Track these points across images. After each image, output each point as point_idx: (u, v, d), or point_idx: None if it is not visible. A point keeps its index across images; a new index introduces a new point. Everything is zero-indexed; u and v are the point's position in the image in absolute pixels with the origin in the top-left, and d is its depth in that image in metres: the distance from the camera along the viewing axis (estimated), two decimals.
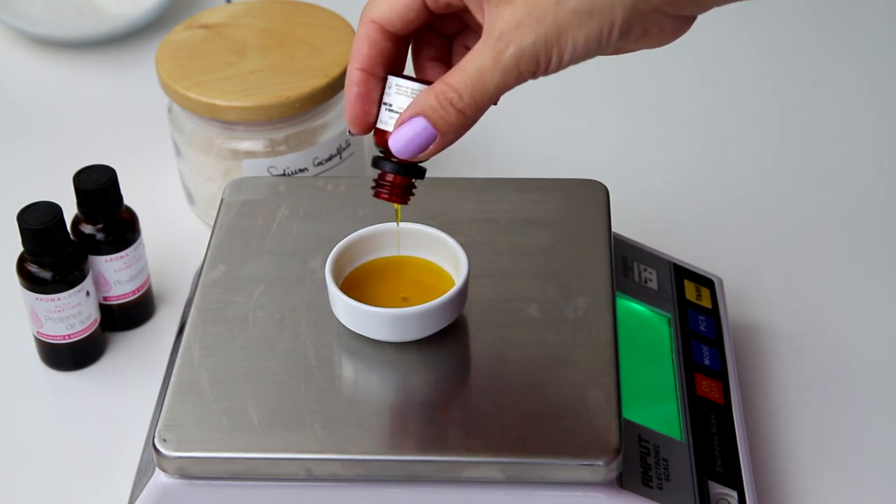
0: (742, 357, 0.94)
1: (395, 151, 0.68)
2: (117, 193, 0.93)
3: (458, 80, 0.66)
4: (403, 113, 0.68)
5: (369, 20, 0.69)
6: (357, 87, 0.69)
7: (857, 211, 1.07)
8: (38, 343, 0.94)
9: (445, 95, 0.67)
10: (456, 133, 0.68)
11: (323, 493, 0.74)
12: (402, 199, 0.72)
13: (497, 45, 0.65)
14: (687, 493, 0.77)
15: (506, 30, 0.65)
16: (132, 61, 1.26)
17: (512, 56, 0.65)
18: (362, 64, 0.69)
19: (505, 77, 0.66)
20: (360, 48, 0.69)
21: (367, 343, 0.78)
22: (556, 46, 0.65)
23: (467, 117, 0.67)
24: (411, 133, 0.68)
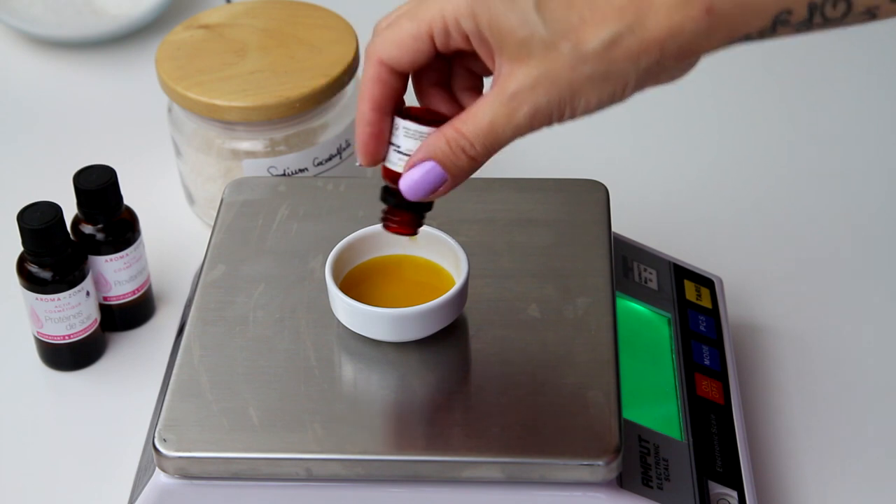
0: (742, 357, 0.94)
1: (406, 193, 0.70)
2: (117, 193, 0.93)
3: (471, 130, 0.68)
4: (414, 155, 0.69)
5: (378, 61, 0.69)
6: (370, 128, 0.70)
7: (857, 211, 1.07)
8: (38, 343, 0.94)
9: (458, 143, 0.68)
10: (465, 176, 0.70)
11: (323, 493, 0.74)
12: (412, 232, 0.74)
13: (511, 104, 0.66)
14: (687, 493, 0.77)
15: (521, 89, 0.66)
16: (132, 61, 1.26)
17: (526, 115, 0.66)
18: (373, 104, 0.70)
19: (517, 131, 0.67)
20: (371, 89, 0.70)
21: (367, 343, 0.78)
22: (569, 105, 0.66)
23: (477, 163, 0.69)
24: (422, 176, 0.69)
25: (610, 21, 0.64)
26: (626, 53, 0.65)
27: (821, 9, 0.63)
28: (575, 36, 0.64)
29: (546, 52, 0.65)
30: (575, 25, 0.64)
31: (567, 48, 0.65)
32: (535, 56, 0.65)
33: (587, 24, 0.64)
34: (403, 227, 0.73)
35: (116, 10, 1.28)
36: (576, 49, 0.65)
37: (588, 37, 0.64)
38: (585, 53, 0.65)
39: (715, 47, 0.66)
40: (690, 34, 0.64)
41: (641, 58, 0.65)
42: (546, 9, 0.65)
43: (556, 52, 0.65)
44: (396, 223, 0.73)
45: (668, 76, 0.67)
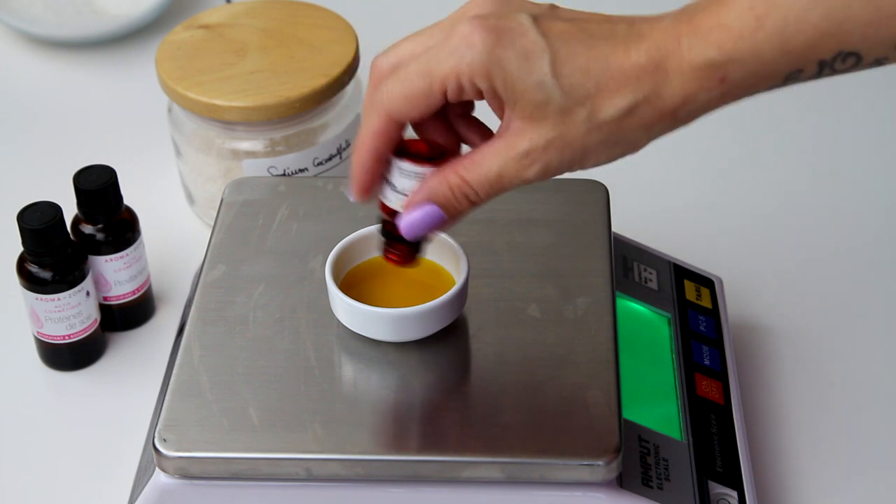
0: (742, 357, 0.94)
1: (404, 233, 0.70)
2: (117, 193, 0.93)
3: (476, 179, 0.68)
4: (415, 196, 0.69)
5: (386, 117, 0.68)
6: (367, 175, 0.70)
7: (857, 211, 1.07)
8: (38, 343, 0.94)
9: (461, 190, 0.68)
10: (461, 217, 0.70)
11: (323, 493, 0.74)
12: (413, 263, 0.74)
13: (523, 161, 0.66)
14: (687, 493, 0.77)
15: (533, 148, 0.66)
16: (132, 61, 1.26)
17: (536, 172, 0.67)
18: (374, 155, 0.69)
19: (523, 183, 0.68)
20: (374, 141, 0.69)
21: (367, 343, 0.78)
22: (579, 164, 0.67)
23: (478, 207, 0.69)
24: (422, 218, 0.70)
25: (626, 91, 0.64)
26: (641, 122, 0.65)
27: (830, 64, 0.64)
28: (591, 103, 0.65)
29: (561, 116, 0.65)
30: (591, 93, 0.65)
31: (582, 115, 0.65)
32: (550, 119, 0.65)
33: (603, 92, 0.65)
34: (403, 259, 0.74)
35: (116, 10, 1.28)
36: (591, 117, 0.65)
37: (604, 105, 0.65)
38: (601, 121, 0.65)
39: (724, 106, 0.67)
40: (703, 102, 0.65)
41: (655, 126, 0.66)
42: (561, 74, 0.64)
43: (571, 118, 0.65)
44: (396, 256, 0.74)
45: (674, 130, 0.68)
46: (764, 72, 0.64)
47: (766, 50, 0.63)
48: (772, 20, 0.63)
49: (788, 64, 0.64)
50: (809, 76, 0.65)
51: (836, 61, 0.64)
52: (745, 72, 0.64)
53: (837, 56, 0.63)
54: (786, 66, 0.64)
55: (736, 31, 0.63)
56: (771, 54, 0.63)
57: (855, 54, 0.63)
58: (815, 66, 0.64)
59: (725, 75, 0.64)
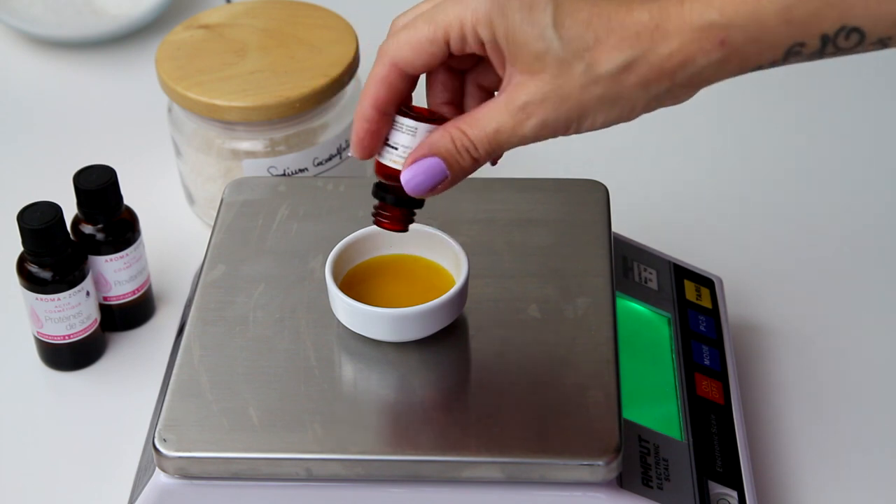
0: (742, 357, 0.94)
1: (407, 188, 0.70)
2: (117, 193, 0.93)
3: (476, 133, 0.68)
4: (417, 150, 0.70)
5: (390, 63, 0.69)
6: (368, 125, 0.70)
7: (857, 211, 1.07)
8: (38, 343, 0.94)
9: (462, 144, 0.68)
10: (465, 176, 0.70)
11: (323, 493, 0.74)
12: (403, 228, 0.74)
13: (519, 115, 0.67)
14: (687, 493, 0.77)
15: (530, 101, 0.66)
16: (132, 61, 1.26)
17: (532, 127, 0.67)
18: (376, 103, 0.70)
19: (521, 141, 0.68)
20: (377, 89, 0.69)
21: (367, 343, 0.78)
22: (575, 122, 0.67)
23: (479, 164, 0.69)
24: (425, 172, 0.69)
25: (625, 46, 0.65)
26: (638, 80, 0.65)
27: (833, 40, 0.64)
28: (589, 56, 0.65)
29: (559, 68, 0.65)
30: (590, 45, 0.65)
31: (580, 68, 0.65)
32: (548, 71, 0.65)
33: (602, 46, 0.65)
34: (395, 223, 0.73)
35: (116, 10, 1.28)
36: (589, 70, 0.65)
37: (602, 59, 0.65)
38: (598, 75, 0.65)
39: (725, 77, 0.66)
40: (702, 65, 0.65)
41: (652, 85, 0.66)
42: (563, 26, 0.65)
43: (569, 71, 0.65)
44: (388, 220, 0.73)
45: (674, 100, 0.68)
46: (765, 40, 0.64)
47: (768, 16, 0.63)
48: None
49: (790, 34, 0.64)
50: (812, 52, 0.64)
51: (839, 37, 0.63)
52: (745, 37, 0.64)
53: (840, 31, 0.63)
54: (787, 36, 0.64)
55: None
56: (773, 21, 0.63)
57: (858, 30, 0.63)
58: (818, 40, 0.64)
59: (725, 38, 0.64)
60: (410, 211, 0.73)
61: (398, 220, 0.73)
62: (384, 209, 0.73)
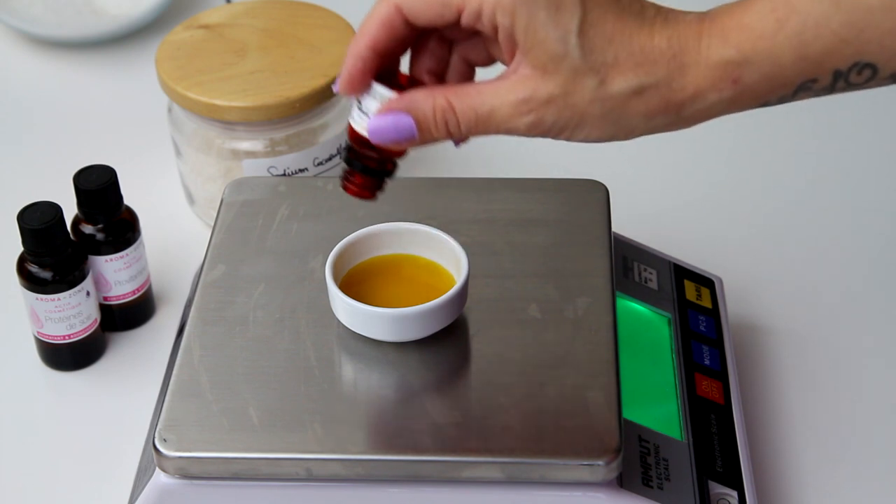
0: (742, 357, 0.94)
1: (370, 133, 0.68)
2: (117, 193, 0.93)
3: (464, 109, 0.67)
4: (395, 102, 0.68)
5: (393, 4, 0.67)
6: (360, 63, 0.68)
7: (857, 210, 1.07)
8: (38, 343, 0.94)
9: (444, 115, 0.67)
10: (431, 142, 0.68)
11: (323, 493, 0.74)
12: (370, 195, 0.72)
13: (519, 107, 0.66)
14: (687, 493, 0.77)
15: (533, 98, 0.65)
16: (132, 61, 1.26)
17: (527, 123, 0.66)
18: (372, 43, 0.67)
19: (508, 131, 0.67)
20: (376, 30, 0.67)
21: (367, 343, 0.78)
22: (570, 131, 0.66)
23: (453, 138, 0.68)
24: (393, 124, 0.67)
25: (640, 71, 0.64)
26: (645, 108, 0.65)
27: (846, 76, 0.64)
28: (604, 73, 0.65)
29: (572, 76, 0.65)
30: (608, 63, 0.64)
31: (592, 83, 0.65)
32: (561, 75, 0.65)
33: (619, 66, 0.64)
34: (363, 190, 0.72)
35: (116, 10, 1.28)
36: (600, 86, 0.65)
37: (615, 79, 0.65)
38: (607, 94, 0.65)
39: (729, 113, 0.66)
40: (712, 102, 0.65)
41: (657, 116, 0.65)
42: (586, 36, 0.64)
43: (581, 82, 0.65)
44: (357, 186, 0.72)
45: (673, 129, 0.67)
46: (779, 78, 0.64)
47: (784, 53, 0.63)
48: (792, 23, 0.63)
49: (804, 71, 0.64)
50: (822, 88, 0.64)
51: (852, 72, 0.63)
52: (759, 75, 0.64)
53: (854, 66, 0.63)
54: (801, 73, 0.64)
55: (756, 32, 0.64)
56: (788, 58, 0.63)
57: (871, 66, 0.63)
58: (830, 75, 0.64)
59: (739, 77, 0.64)
60: (380, 180, 0.72)
61: (366, 188, 0.72)
62: (353, 175, 0.72)
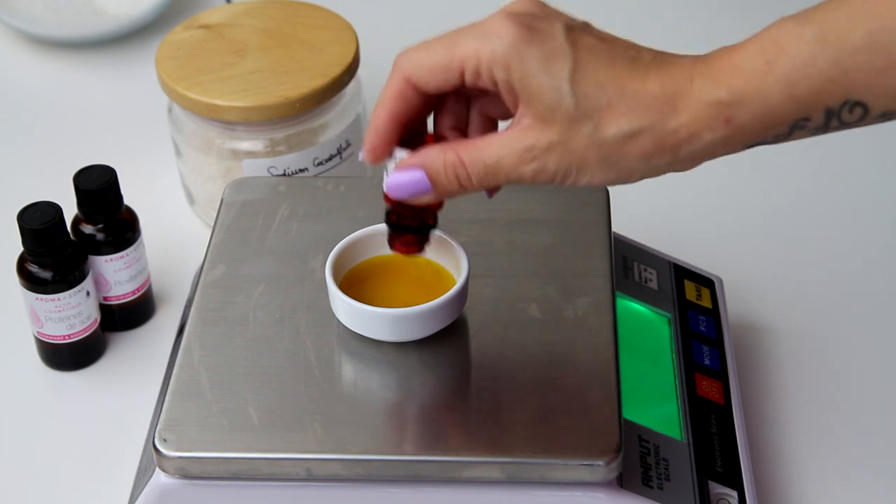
0: (742, 357, 0.94)
1: (388, 189, 0.71)
2: (117, 193, 0.93)
3: (473, 161, 0.68)
4: (410, 158, 0.70)
5: (404, 78, 0.69)
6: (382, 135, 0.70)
7: (857, 211, 1.07)
8: (38, 343, 0.94)
9: (455, 169, 0.69)
10: (451, 195, 0.71)
11: (323, 493, 0.74)
12: (417, 251, 0.76)
13: (523, 155, 0.67)
14: (687, 493, 0.77)
15: (536, 146, 0.67)
16: (132, 61, 1.26)
17: (531, 171, 0.68)
18: (391, 115, 0.70)
19: (517, 179, 0.68)
20: (392, 102, 0.70)
21: (367, 343, 0.78)
22: (573, 176, 0.68)
23: (467, 190, 0.70)
24: (408, 181, 0.70)
25: (634, 115, 0.66)
26: (640, 151, 0.66)
27: (838, 114, 0.65)
28: (598, 118, 0.66)
29: (568, 124, 0.66)
30: (601, 108, 0.66)
31: (588, 129, 0.66)
32: (558, 123, 0.66)
33: (612, 111, 0.66)
34: (409, 247, 0.75)
35: (116, 10, 1.28)
36: (595, 132, 0.66)
37: (609, 123, 0.66)
38: (602, 139, 0.66)
39: (727, 153, 0.67)
40: (707, 142, 0.66)
41: (653, 158, 0.67)
42: (578, 84, 0.66)
43: (577, 129, 0.66)
44: (402, 245, 0.75)
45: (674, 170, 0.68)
46: (770, 117, 0.65)
47: (774, 94, 0.64)
48: (781, 64, 0.64)
49: (795, 111, 0.65)
50: (816, 126, 0.65)
51: (843, 111, 0.64)
52: (750, 115, 0.65)
53: (844, 105, 0.64)
54: (792, 112, 0.65)
55: (746, 73, 0.65)
56: (778, 98, 0.64)
57: (861, 105, 0.64)
58: (822, 114, 0.65)
59: (731, 117, 0.65)
60: (423, 234, 0.75)
61: (411, 245, 0.75)
62: (397, 235, 0.75)
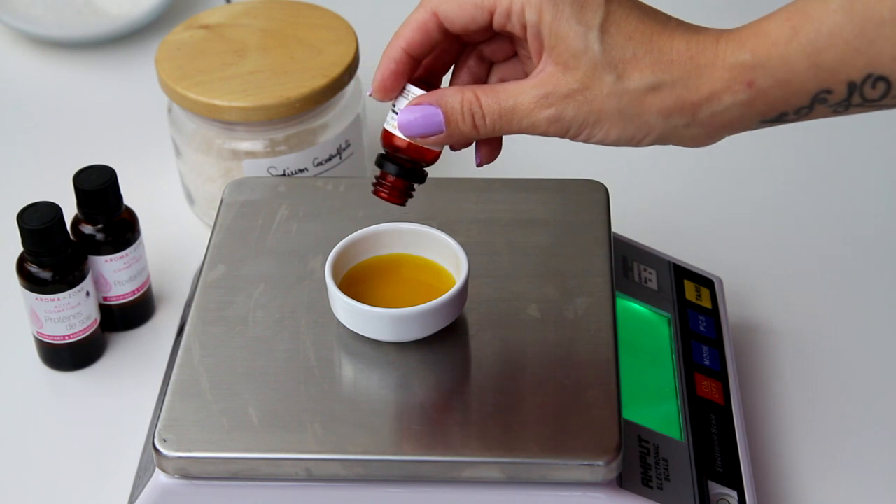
0: (742, 357, 0.94)
1: (399, 125, 0.70)
2: (117, 193, 0.93)
3: (490, 103, 0.69)
4: (425, 96, 0.70)
5: (430, 10, 0.70)
6: (395, 65, 0.71)
7: (857, 211, 1.07)
8: (38, 343, 0.94)
9: (471, 108, 0.69)
10: (460, 139, 0.71)
11: (323, 493, 0.74)
12: (401, 201, 0.74)
13: (540, 101, 0.68)
14: (687, 493, 0.77)
15: (554, 93, 0.67)
16: (132, 61, 1.26)
17: (547, 117, 0.68)
18: (408, 45, 0.70)
19: (531, 127, 0.69)
20: (412, 32, 0.70)
21: (367, 343, 0.78)
22: (588, 128, 0.68)
23: (479, 134, 0.70)
24: (422, 117, 0.70)
25: (658, 69, 0.66)
26: (661, 105, 0.67)
27: (860, 89, 0.65)
28: (622, 68, 0.67)
29: (591, 71, 0.67)
30: (627, 59, 0.67)
31: (611, 78, 0.67)
32: (580, 70, 0.67)
33: (637, 63, 0.67)
34: (393, 194, 0.74)
35: (116, 10, 1.28)
36: (618, 81, 0.67)
37: (633, 75, 0.67)
38: (624, 89, 0.67)
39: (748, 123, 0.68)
40: (727, 104, 0.67)
41: (673, 115, 0.67)
42: (608, 33, 0.66)
43: (601, 77, 0.67)
44: (387, 190, 0.74)
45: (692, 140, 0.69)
46: (793, 85, 0.65)
47: (797, 60, 0.65)
48: (805, 31, 0.64)
49: (817, 81, 0.65)
50: (839, 101, 0.65)
51: (866, 85, 0.64)
52: (772, 80, 0.65)
53: (867, 79, 0.64)
54: (815, 82, 0.65)
55: (771, 38, 0.65)
56: (801, 65, 0.65)
57: (885, 79, 0.64)
58: (845, 87, 0.65)
59: (753, 80, 0.65)
60: (410, 184, 0.74)
61: (397, 192, 0.74)
62: (384, 178, 0.74)
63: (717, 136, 0.69)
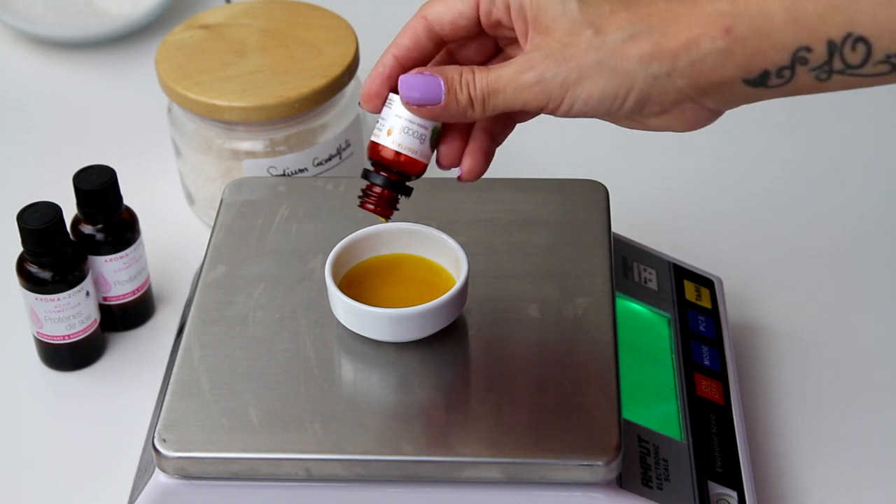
0: (742, 357, 0.94)
1: (400, 87, 0.71)
2: (117, 193, 0.93)
3: (480, 75, 0.70)
4: (427, 67, 0.71)
5: (421, 15, 0.72)
6: (381, 69, 0.72)
7: (856, 211, 1.07)
8: (38, 343, 0.94)
9: (464, 78, 0.70)
10: (454, 112, 0.71)
11: (323, 493, 0.74)
12: (386, 213, 0.75)
13: (523, 65, 0.69)
14: (687, 493, 0.77)
15: (535, 55, 0.69)
16: (132, 61, 1.26)
17: (528, 80, 0.69)
18: (397, 51, 0.72)
19: (516, 94, 0.69)
20: (402, 37, 0.72)
21: (367, 343, 0.78)
22: (570, 89, 0.68)
23: (471, 107, 0.71)
24: (423, 82, 0.71)
25: (635, 19, 0.67)
26: (640, 53, 0.67)
27: (840, 49, 0.65)
28: (600, 23, 0.68)
29: (570, 31, 0.68)
30: (604, 14, 0.68)
31: (588, 32, 0.68)
32: (559, 32, 0.68)
33: (614, 16, 0.68)
34: (380, 206, 0.74)
35: (116, 10, 1.28)
36: (596, 35, 0.68)
37: (611, 27, 0.68)
38: (602, 41, 0.68)
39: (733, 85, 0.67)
40: (705, 51, 0.67)
41: (653, 63, 0.67)
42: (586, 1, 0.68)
43: (578, 35, 0.68)
44: (374, 202, 0.74)
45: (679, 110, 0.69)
46: (770, 37, 0.65)
47: (775, 11, 0.65)
48: None
49: (796, 35, 0.65)
50: (820, 63, 0.65)
51: (846, 45, 0.64)
52: (751, 29, 0.65)
53: (847, 38, 0.64)
54: (793, 37, 0.65)
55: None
56: (780, 17, 0.65)
57: (864, 41, 0.64)
58: (825, 47, 0.64)
59: (731, 26, 0.66)
60: (396, 196, 0.74)
61: (384, 203, 0.74)
62: (371, 190, 0.74)
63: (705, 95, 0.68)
